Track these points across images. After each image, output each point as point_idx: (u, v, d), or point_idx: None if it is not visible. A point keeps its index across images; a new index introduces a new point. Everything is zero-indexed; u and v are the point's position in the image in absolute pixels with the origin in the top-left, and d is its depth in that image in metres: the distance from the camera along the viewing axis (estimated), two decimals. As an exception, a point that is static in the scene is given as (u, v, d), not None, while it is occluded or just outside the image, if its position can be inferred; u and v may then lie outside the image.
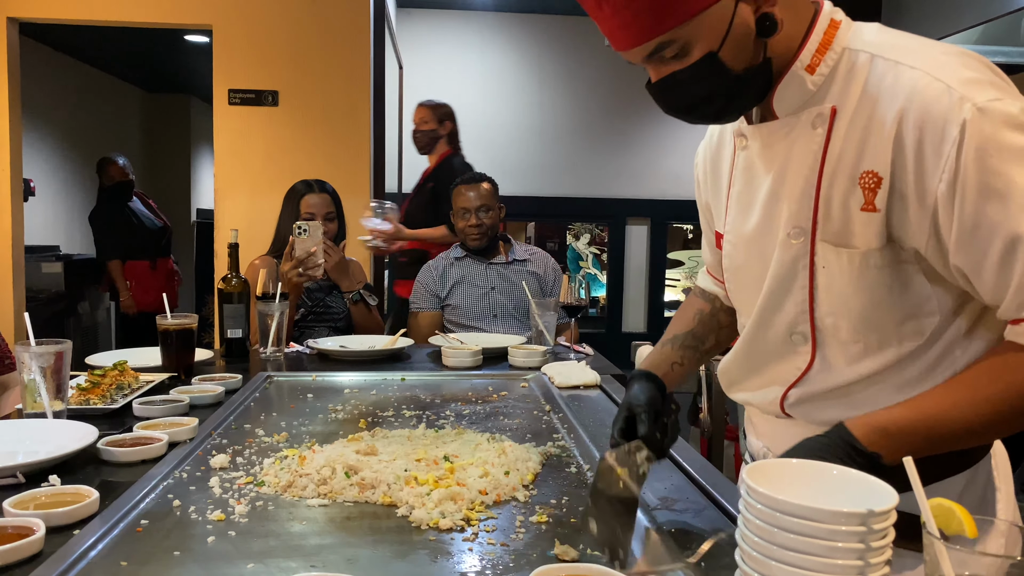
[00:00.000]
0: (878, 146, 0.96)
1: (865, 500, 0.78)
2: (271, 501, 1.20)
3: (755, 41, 0.98)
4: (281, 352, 2.36)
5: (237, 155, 4.31)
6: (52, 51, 6.83)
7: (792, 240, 1.05)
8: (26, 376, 1.51)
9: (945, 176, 0.92)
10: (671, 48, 0.97)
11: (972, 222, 0.92)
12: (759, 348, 1.15)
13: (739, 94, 1.02)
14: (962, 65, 0.95)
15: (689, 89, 1.00)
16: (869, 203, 0.98)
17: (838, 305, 1.04)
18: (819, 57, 1.01)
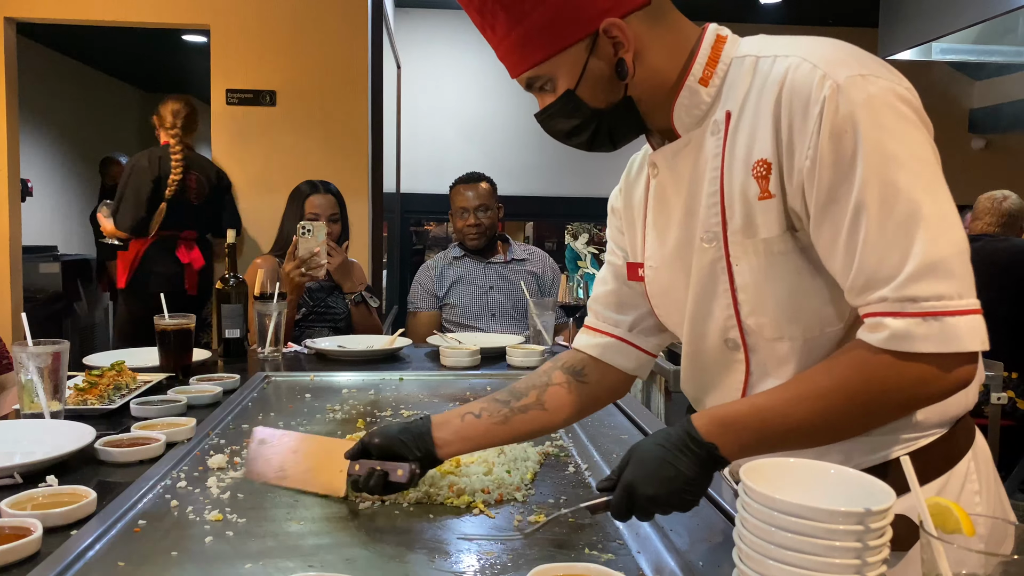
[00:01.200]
0: (763, 134, 0.98)
1: (862, 499, 0.78)
2: (270, 495, 1.20)
3: (613, 82, 1.04)
4: (279, 352, 2.36)
5: (235, 155, 4.31)
6: (50, 51, 6.83)
7: (705, 244, 1.06)
8: (23, 376, 1.51)
9: (809, 152, 0.93)
10: (539, 81, 1.06)
11: (825, 199, 0.93)
12: (701, 362, 1.14)
13: (603, 127, 1.08)
14: (833, 48, 0.96)
15: (557, 121, 1.09)
16: (764, 191, 0.99)
17: (757, 301, 1.04)
18: (710, 70, 1.04)
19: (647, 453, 0.98)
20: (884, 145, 0.89)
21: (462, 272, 3.08)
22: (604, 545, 1.05)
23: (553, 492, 1.26)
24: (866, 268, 0.90)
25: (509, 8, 1.02)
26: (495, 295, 3.05)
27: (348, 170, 4.29)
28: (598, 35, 1.01)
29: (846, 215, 0.91)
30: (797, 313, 1.01)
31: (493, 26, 1.05)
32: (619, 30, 1.01)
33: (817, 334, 1.02)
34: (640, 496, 0.96)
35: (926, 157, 0.92)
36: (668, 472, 0.95)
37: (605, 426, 1.63)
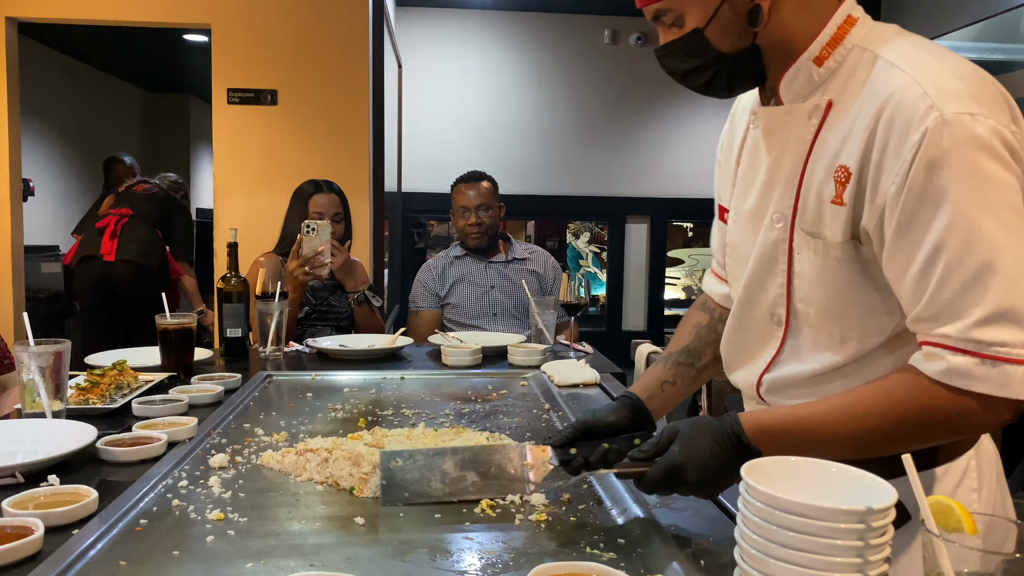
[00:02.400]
0: (854, 142, 0.99)
1: (864, 498, 0.78)
2: (271, 494, 1.20)
3: (744, 27, 1.04)
4: (280, 351, 2.36)
5: (236, 154, 4.31)
6: (51, 51, 6.83)
7: (775, 224, 1.10)
8: (25, 376, 1.51)
9: (897, 179, 0.94)
10: (668, 16, 1.06)
11: (905, 227, 0.94)
12: (744, 328, 1.20)
13: (724, 72, 1.08)
14: (953, 76, 0.95)
15: (678, 58, 1.09)
16: (838, 197, 1.01)
17: (808, 291, 1.08)
18: (828, 51, 1.04)
19: (698, 441, 1.00)
20: (977, 188, 0.90)
21: (463, 271, 3.08)
22: (606, 544, 1.05)
23: (555, 488, 1.26)
24: (937, 302, 0.92)
25: None
26: (496, 294, 3.05)
27: (349, 169, 4.30)
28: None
29: (924, 246, 0.92)
30: (840, 315, 1.06)
31: None
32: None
33: (856, 340, 1.06)
34: (686, 480, 0.99)
35: (1016, 205, 0.92)
36: (715, 464, 0.99)
37: (606, 425, 1.63)
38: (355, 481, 1.24)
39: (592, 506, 1.19)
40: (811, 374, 1.11)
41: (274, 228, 3.04)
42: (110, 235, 4.46)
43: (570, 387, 1.99)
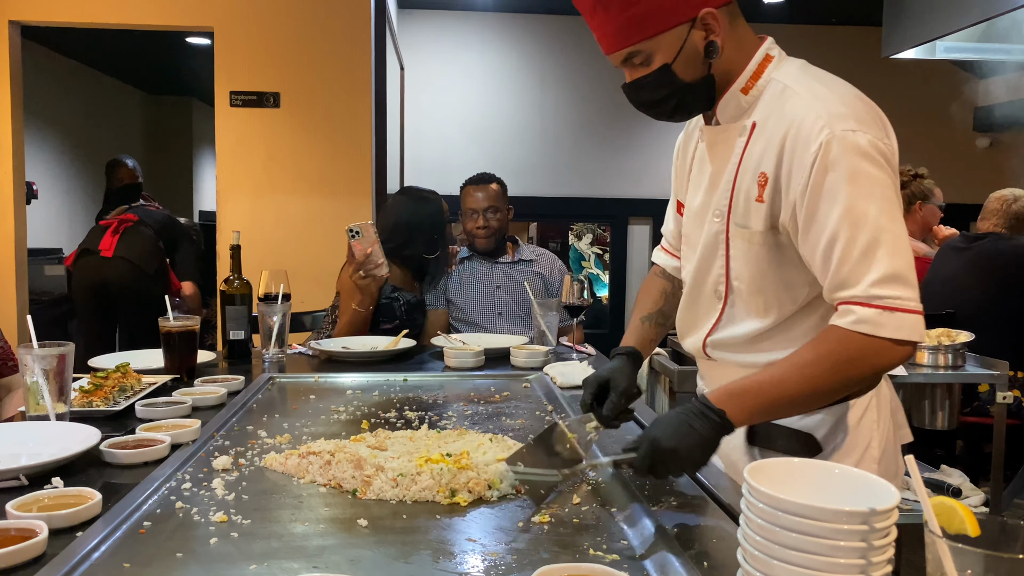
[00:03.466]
0: (770, 153, 1.26)
1: (866, 499, 0.78)
2: (274, 496, 1.20)
3: (702, 61, 1.29)
4: (283, 354, 2.36)
5: (239, 157, 4.32)
6: (54, 54, 6.84)
7: (715, 219, 1.38)
8: (29, 378, 1.51)
9: (802, 181, 1.21)
10: (638, 57, 1.29)
11: (811, 218, 1.21)
12: (695, 302, 1.47)
13: (687, 99, 1.32)
14: (840, 101, 1.23)
15: (649, 91, 1.32)
16: (760, 196, 1.28)
17: (740, 271, 1.36)
18: (752, 83, 1.31)
19: (668, 417, 1.20)
20: (861, 185, 1.17)
21: (470, 272, 3.09)
22: (609, 546, 1.05)
23: (559, 491, 1.26)
24: (841, 273, 1.18)
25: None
26: (502, 294, 3.05)
27: (352, 171, 4.30)
28: (696, 20, 1.25)
29: (826, 231, 1.19)
30: (762, 289, 1.34)
31: (607, 7, 1.26)
32: (713, 18, 1.25)
33: (776, 308, 1.35)
34: (663, 449, 1.14)
35: (890, 196, 1.20)
36: (685, 430, 1.16)
37: (609, 426, 1.63)
38: (358, 483, 1.24)
39: (595, 508, 1.19)
40: (744, 336, 1.38)
41: (276, 231, 3.04)
42: (111, 232, 4.45)
43: (572, 388, 1.99)
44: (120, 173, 5.53)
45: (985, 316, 3.31)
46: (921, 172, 3.97)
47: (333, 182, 4.35)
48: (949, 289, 3.54)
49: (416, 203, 2.88)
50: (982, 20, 4.09)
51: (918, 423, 2.99)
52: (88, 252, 4.48)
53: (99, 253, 4.42)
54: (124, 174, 5.49)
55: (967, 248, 3.59)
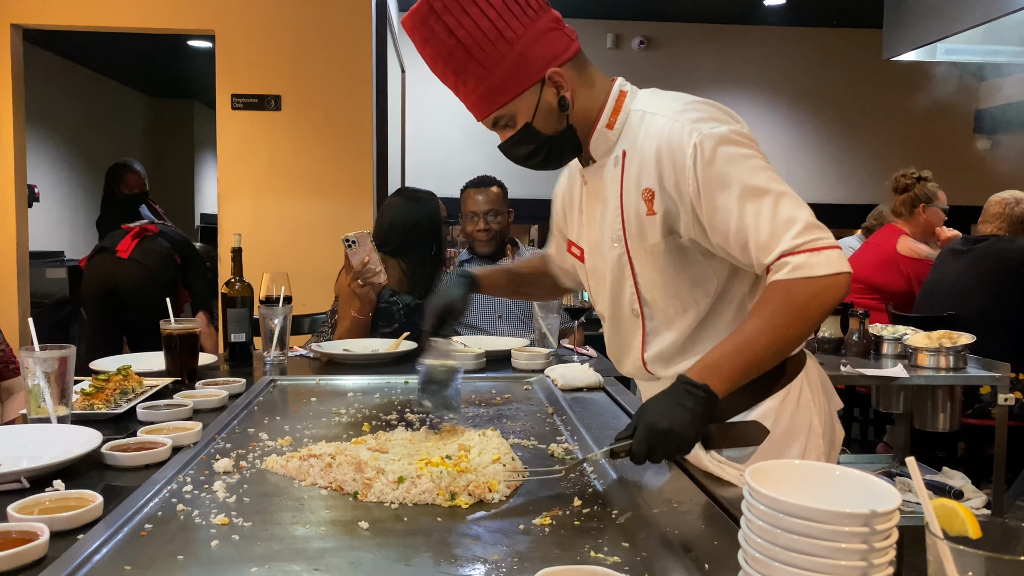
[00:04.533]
0: (648, 170, 1.41)
1: (868, 501, 0.78)
2: (276, 499, 1.20)
3: (559, 114, 1.44)
4: (285, 356, 2.36)
5: (240, 160, 4.32)
6: (56, 57, 6.86)
7: (614, 244, 1.51)
8: (30, 381, 1.51)
9: (692, 182, 1.35)
10: (502, 120, 1.45)
11: (712, 210, 1.35)
12: (618, 327, 1.59)
13: (554, 150, 1.49)
14: (693, 110, 1.40)
15: (519, 148, 1.49)
16: (650, 210, 1.42)
17: (649, 284, 1.49)
18: (614, 118, 1.47)
19: (656, 400, 1.27)
20: (742, 165, 1.33)
21: (469, 274, 3.09)
22: (610, 548, 1.05)
23: (560, 493, 1.26)
24: (762, 240, 1.31)
25: (478, 68, 1.38)
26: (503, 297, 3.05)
27: (353, 174, 4.31)
28: (544, 81, 1.41)
29: (732, 214, 1.33)
30: (676, 292, 1.47)
31: (466, 81, 1.41)
32: (559, 76, 1.41)
33: (693, 306, 1.48)
34: (659, 431, 1.21)
35: (767, 166, 1.36)
36: (677, 410, 1.23)
37: (610, 428, 1.63)
38: (359, 486, 1.24)
39: (596, 510, 1.19)
40: (675, 345, 1.51)
41: (277, 233, 3.04)
42: (132, 236, 4.40)
43: (574, 391, 1.99)
44: (129, 179, 5.49)
45: (986, 318, 3.31)
46: (925, 175, 3.97)
47: (334, 185, 4.36)
48: (951, 291, 3.54)
49: (411, 204, 2.89)
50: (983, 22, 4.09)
51: (920, 425, 2.99)
52: (104, 251, 4.45)
53: (115, 253, 4.38)
54: (133, 181, 5.43)
55: (968, 250, 3.59)
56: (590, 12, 6.32)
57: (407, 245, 2.83)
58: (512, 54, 1.38)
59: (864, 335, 2.92)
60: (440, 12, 1.37)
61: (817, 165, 7.18)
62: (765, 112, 7.11)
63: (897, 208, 4.05)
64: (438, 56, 1.41)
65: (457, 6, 1.37)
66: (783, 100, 7.07)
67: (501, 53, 1.38)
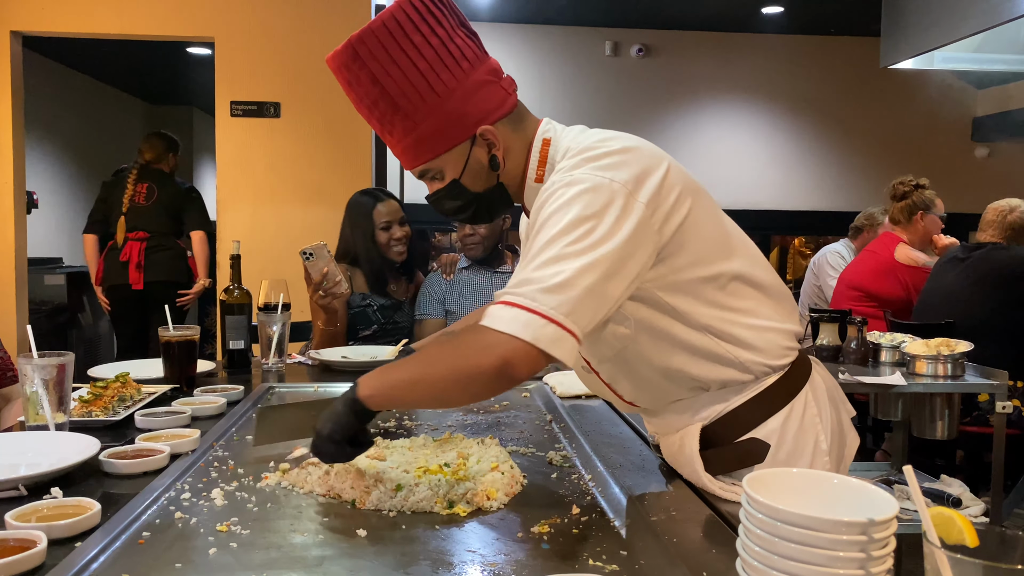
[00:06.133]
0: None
1: (865, 509, 0.78)
2: (273, 507, 1.20)
3: (488, 172, 1.35)
4: (283, 363, 2.36)
5: (239, 166, 4.33)
6: (55, 64, 6.87)
7: None
8: (28, 388, 1.51)
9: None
10: (430, 173, 1.37)
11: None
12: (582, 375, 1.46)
13: (482, 207, 1.40)
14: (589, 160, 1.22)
15: (446, 203, 1.40)
16: None
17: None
18: (541, 170, 1.35)
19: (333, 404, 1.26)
20: (567, 211, 1.16)
21: (469, 281, 3.09)
22: (608, 556, 1.05)
23: (558, 501, 1.26)
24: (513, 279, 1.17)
25: (404, 119, 1.29)
26: (500, 304, 3.06)
27: (352, 180, 4.30)
28: (475, 138, 1.31)
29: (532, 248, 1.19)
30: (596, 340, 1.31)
31: (391, 132, 1.33)
32: (491, 134, 1.31)
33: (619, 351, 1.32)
34: (316, 431, 1.23)
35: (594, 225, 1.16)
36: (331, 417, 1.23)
37: (608, 435, 1.63)
38: (357, 493, 1.24)
39: (595, 518, 1.19)
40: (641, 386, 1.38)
41: (276, 240, 3.05)
42: (135, 267, 4.60)
43: (572, 398, 1.99)
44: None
45: (984, 326, 3.32)
46: (922, 183, 3.98)
47: (333, 191, 4.36)
48: (948, 299, 3.55)
49: (353, 206, 2.96)
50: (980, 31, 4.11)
51: (918, 433, 2.98)
52: (121, 287, 4.64)
53: (131, 287, 4.59)
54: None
55: (965, 258, 3.60)
56: (588, 20, 6.34)
57: (354, 247, 2.91)
58: (442, 109, 1.28)
59: (862, 343, 2.92)
60: (365, 59, 1.27)
61: (815, 172, 7.19)
62: (763, 120, 7.13)
63: (895, 215, 4.06)
64: (361, 103, 1.32)
65: (384, 54, 1.26)
66: (781, 108, 7.09)
67: (430, 107, 1.28)
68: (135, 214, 4.69)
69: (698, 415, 1.33)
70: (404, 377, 1.25)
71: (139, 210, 4.71)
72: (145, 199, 4.74)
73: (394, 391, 1.25)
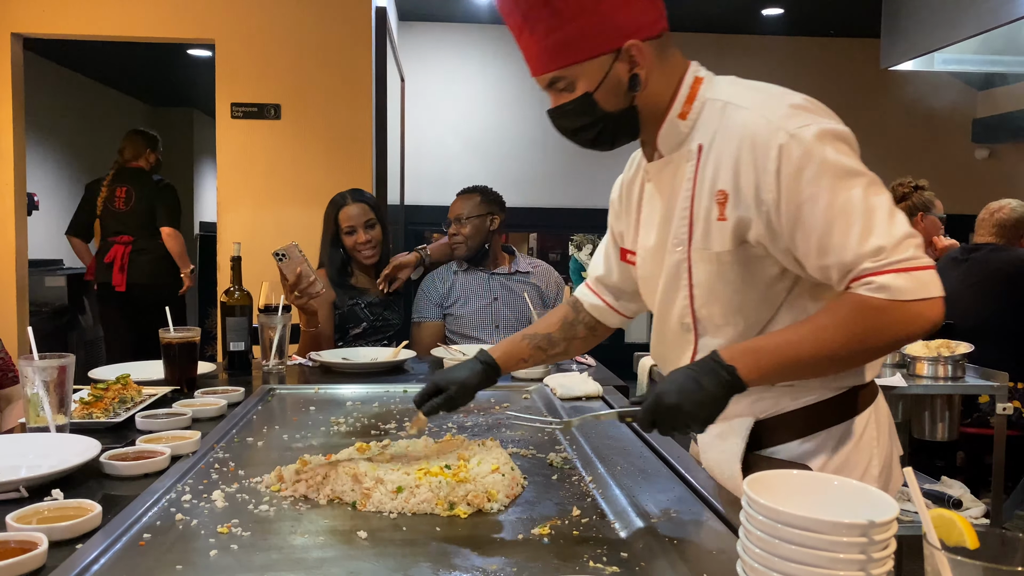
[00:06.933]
0: (725, 170, 1.23)
1: (866, 511, 0.78)
2: (274, 508, 1.20)
3: (625, 92, 1.27)
4: (283, 365, 2.36)
5: (240, 168, 4.32)
6: (56, 66, 6.87)
7: (675, 248, 1.32)
8: (29, 390, 1.51)
9: (772, 187, 1.17)
10: (561, 82, 1.28)
11: (794, 224, 1.17)
12: (663, 337, 1.42)
13: (608, 129, 1.31)
14: (781, 104, 1.21)
15: (570, 118, 1.31)
16: (721, 215, 1.24)
17: (709, 297, 1.30)
18: (688, 107, 1.29)
19: (677, 373, 1.20)
20: (833, 172, 1.15)
21: (467, 283, 3.09)
22: (608, 558, 1.05)
23: (559, 503, 1.26)
24: (846, 260, 1.13)
25: (554, 15, 1.22)
26: (499, 306, 3.05)
27: (353, 182, 4.27)
28: (621, 51, 1.23)
29: (817, 226, 1.15)
30: (739, 306, 1.28)
31: (534, 29, 1.25)
32: (638, 51, 1.24)
33: (754, 321, 1.29)
34: (666, 405, 1.15)
35: (862, 171, 1.17)
36: (692, 386, 1.15)
37: (608, 437, 1.63)
38: (358, 495, 1.24)
39: (595, 520, 1.19)
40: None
41: (277, 242, 3.05)
42: (119, 269, 4.72)
43: (573, 400, 1.99)
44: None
45: (984, 327, 3.32)
46: (922, 184, 3.98)
47: (333, 193, 4.35)
48: (948, 300, 3.53)
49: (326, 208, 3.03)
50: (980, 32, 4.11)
51: (918, 434, 2.98)
52: (107, 286, 4.76)
53: (115, 288, 4.70)
54: None
55: (965, 260, 3.60)
56: (589, 21, 6.32)
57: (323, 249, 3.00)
58: (596, 11, 1.21)
59: (862, 344, 2.92)
60: None
61: (815, 174, 7.18)
62: (763, 121, 7.12)
63: (895, 217, 4.05)
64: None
65: None
66: (781, 109, 7.08)
67: (582, 6, 1.21)
68: (114, 218, 4.82)
69: (756, 405, 1.31)
70: (792, 356, 1.18)
71: (118, 215, 4.83)
72: (124, 203, 4.86)
73: (782, 374, 1.22)
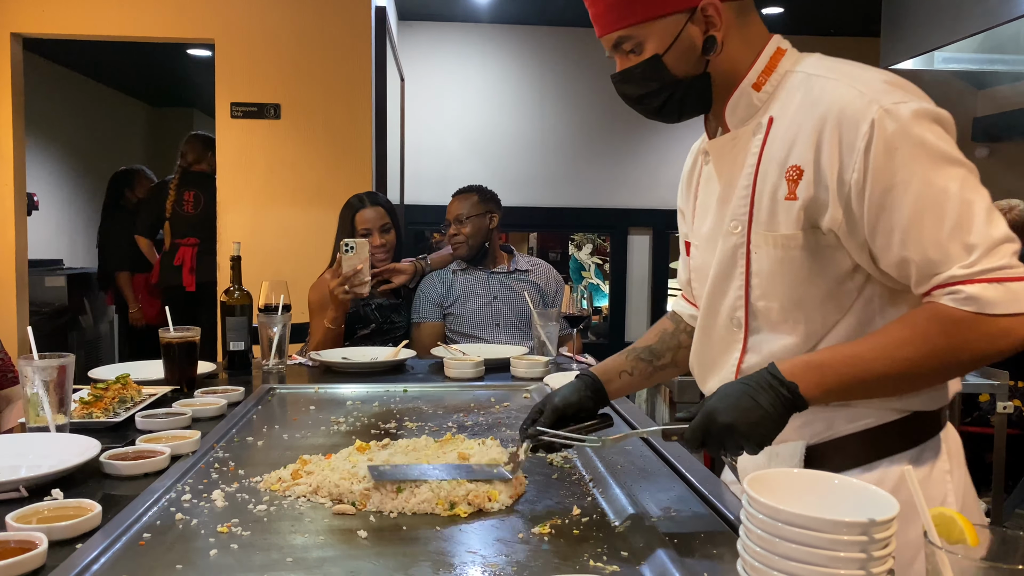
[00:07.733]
0: (803, 144, 1.11)
1: (866, 509, 0.78)
2: (274, 508, 1.20)
3: (698, 56, 1.17)
4: (283, 364, 2.36)
5: (239, 168, 4.33)
6: (55, 65, 6.87)
7: (732, 231, 1.21)
8: (29, 390, 1.51)
9: (858, 166, 1.06)
10: (628, 43, 1.18)
11: (878, 209, 1.06)
12: (708, 337, 1.29)
13: (676, 96, 1.20)
14: (875, 78, 1.10)
15: (636, 83, 1.21)
16: (791, 193, 1.12)
17: (768, 287, 1.18)
18: (764, 77, 1.18)
19: (731, 387, 1.07)
20: (929, 158, 1.03)
21: (466, 282, 3.09)
22: (609, 557, 1.05)
23: (559, 502, 1.26)
24: (932, 258, 1.03)
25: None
26: (499, 305, 3.06)
27: (352, 182, 4.30)
28: (696, 10, 1.14)
29: (903, 217, 1.04)
30: (801, 301, 1.15)
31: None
32: (715, 10, 1.14)
33: (819, 321, 1.15)
34: (718, 424, 1.04)
35: (959, 160, 1.05)
36: (747, 404, 1.03)
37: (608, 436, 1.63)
38: (358, 495, 1.24)
39: (595, 519, 1.19)
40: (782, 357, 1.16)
41: (277, 241, 3.05)
42: (188, 271, 4.87)
43: (573, 399, 1.98)
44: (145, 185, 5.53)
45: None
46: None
47: (333, 193, 4.36)
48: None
49: (342, 210, 3.01)
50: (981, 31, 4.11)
51: (919, 433, 2.99)
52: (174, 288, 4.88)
53: (184, 289, 4.85)
54: (148, 186, 5.49)
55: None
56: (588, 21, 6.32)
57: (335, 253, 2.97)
58: None
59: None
60: None
61: (815, 173, 7.19)
62: (763, 120, 7.13)
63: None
64: None
65: None
66: (781, 108, 7.09)
67: None
68: (183, 221, 4.92)
69: (804, 429, 1.16)
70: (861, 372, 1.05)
71: (187, 218, 4.92)
72: (193, 207, 4.95)
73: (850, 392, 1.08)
